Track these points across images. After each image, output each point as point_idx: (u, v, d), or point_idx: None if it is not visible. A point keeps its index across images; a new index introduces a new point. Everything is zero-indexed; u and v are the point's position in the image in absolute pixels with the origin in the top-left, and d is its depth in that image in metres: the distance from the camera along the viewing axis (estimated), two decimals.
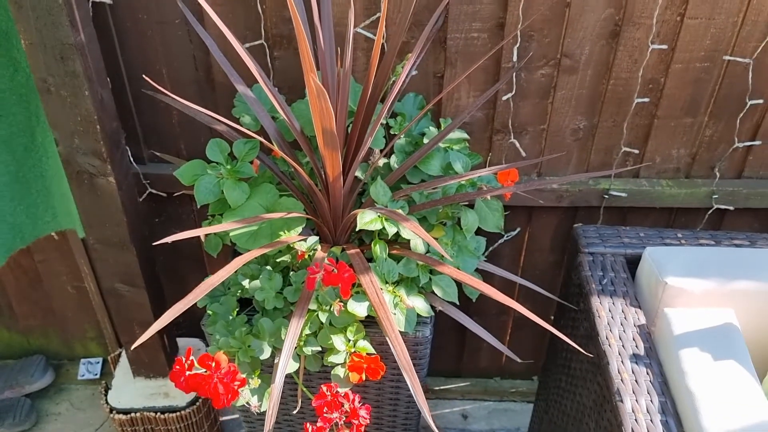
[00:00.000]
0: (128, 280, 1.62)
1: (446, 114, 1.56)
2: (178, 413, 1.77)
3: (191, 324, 1.94)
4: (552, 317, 1.84)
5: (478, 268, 1.39)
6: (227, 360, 1.05)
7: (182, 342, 1.88)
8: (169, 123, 1.61)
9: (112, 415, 1.77)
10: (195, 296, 1.02)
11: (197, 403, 1.79)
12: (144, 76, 1.47)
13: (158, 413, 1.76)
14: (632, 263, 1.32)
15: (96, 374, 2.09)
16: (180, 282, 1.90)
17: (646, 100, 1.54)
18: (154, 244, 1.15)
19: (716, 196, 1.65)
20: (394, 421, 1.46)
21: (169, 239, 1.04)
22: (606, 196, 1.66)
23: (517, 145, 1.61)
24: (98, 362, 2.10)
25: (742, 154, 1.62)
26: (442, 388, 2.09)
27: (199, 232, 1.09)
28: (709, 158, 1.63)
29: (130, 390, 1.80)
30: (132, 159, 1.63)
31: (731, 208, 1.67)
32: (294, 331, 1.11)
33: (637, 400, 1.06)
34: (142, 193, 1.68)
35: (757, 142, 1.59)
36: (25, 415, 1.97)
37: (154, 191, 1.69)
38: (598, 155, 1.64)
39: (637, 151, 1.62)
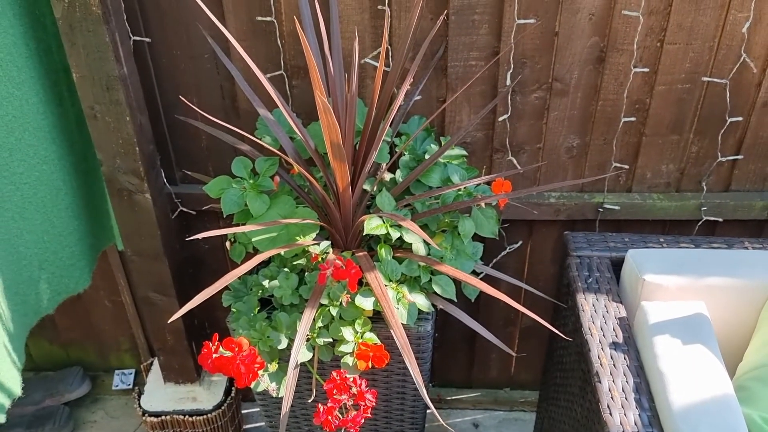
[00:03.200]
0: (161, 289, 1.80)
1: (449, 135, 1.73)
2: (204, 416, 1.93)
3: (218, 334, 2.11)
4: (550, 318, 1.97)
5: (486, 275, 1.54)
6: (248, 343, 1.22)
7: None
8: (198, 146, 1.81)
9: (144, 418, 1.94)
10: (221, 284, 1.20)
11: (222, 407, 1.95)
12: (180, 97, 1.68)
13: (186, 416, 1.92)
14: (617, 265, 1.46)
15: (129, 384, 2.27)
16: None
17: (633, 119, 1.69)
18: (188, 239, 1.33)
19: (705, 209, 1.78)
20: (402, 414, 1.60)
21: (200, 236, 1.22)
22: (600, 210, 1.81)
23: (515, 162, 1.77)
24: (131, 373, 2.28)
25: (728, 168, 1.76)
26: (453, 398, 2.22)
27: (227, 231, 1.27)
28: (696, 173, 1.78)
29: (161, 395, 1.97)
30: (165, 179, 1.83)
31: (720, 219, 1.80)
32: (307, 319, 1.27)
33: (614, 381, 1.19)
34: (173, 211, 1.87)
35: (739, 157, 1.73)
36: (64, 421, 2.14)
37: (184, 209, 1.88)
38: (592, 171, 1.79)
39: (627, 167, 1.77)
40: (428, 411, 1.95)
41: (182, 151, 1.83)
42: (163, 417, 1.93)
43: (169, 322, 1.27)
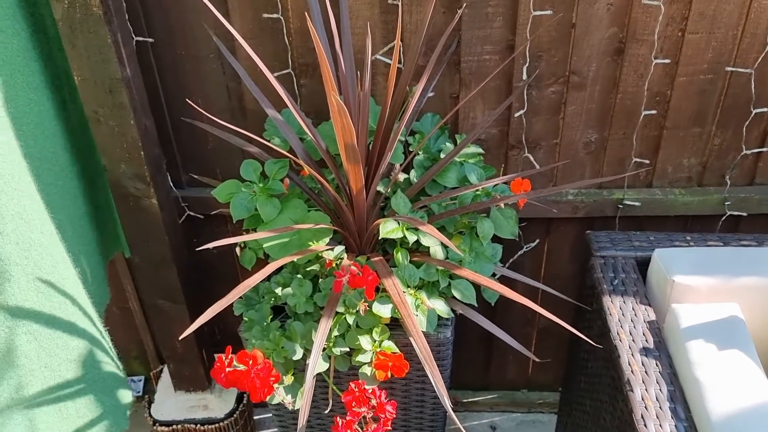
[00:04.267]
0: (169, 296, 1.74)
1: (463, 132, 1.67)
2: (216, 425, 1.87)
3: (228, 341, 2.05)
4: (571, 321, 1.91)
5: (501, 276, 1.48)
6: (263, 356, 1.16)
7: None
8: (205, 149, 1.75)
9: (155, 428, 1.88)
10: (233, 296, 1.13)
11: (234, 415, 1.89)
12: (187, 99, 1.61)
13: (198, 425, 1.87)
14: (643, 265, 1.40)
15: (138, 392, 2.21)
16: (215, 300, 2.02)
17: (654, 112, 1.63)
18: (198, 249, 1.27)
19: (729, 203, 1.71)
20: (420, 423, 1.54)
21: (211, 245, 1.16)
22: (620, 206, 1.74)
23: (531, 159, 1.70)
24: (140, 380, 2.22)
25: (752, 161, 1.69)
26: (470, 400, 2.16)
27: (237, 239, 1.21)
28: (719, 166, 1.71)
29: (171, 403, 1.92)
30: (172, 184, 1.77)
31: (744, 214, 1.73)
32: (323, 330, 1.21)
33: (646, 390, 1.13)
34: (181, 215, 1.81)
35: (765, 149, 1.66)
36: None
37: (192, 213, 1.82)
38: (611, 167, 1.73)
39: (648, 162, 1.71)
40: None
41: (189, 154, 1.77)
42: (174, 426, 1.87)
43: (180, 338, 1.21)
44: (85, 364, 1.48)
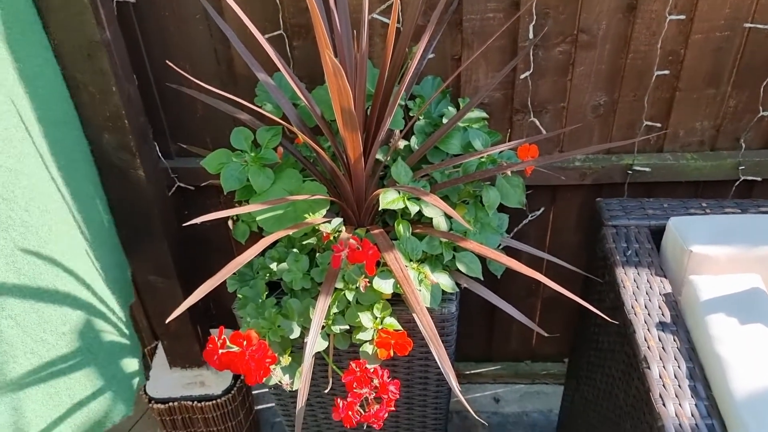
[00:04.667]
0: (161, 271, 1.67)
1: (465, 96, 1.57)
2: (214, 401, 1.81)
3: (224, 315, 1.98)
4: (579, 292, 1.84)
5: (505, 246, 1.40)
6: (257, 337, 1.08)
7: (215, 332, 1.92)
8: (194, 117, 1.65)
9: (150, 405, 1.82)
10: (223, 275, 1.06)
11: (232, 392, 1.83)
12: (168, 62, 1.51)
13: (195, 402, 1.81)
14: (657, 234, 1.32)
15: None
16: (211, 275, 1.94)
17: (667, 72, 1.53)
18: (184, 225, 1.18)
19: (743, 167, 1.63)
20: (424, 400, 1.48)
21: (198, 220, 1.08)
22: (630, 172, 1.66)
23: (537, 123, 1.61)
24: None
25: None
26: (473, 372, 2.10)
27: (227, 213, 1.13)
28: (733, 129, 1.62)
29: (167, 380, 1.85)
30: (160, 154, 1.68)
31: (759, 179, 1.65)
32: (321, 308, 1.13)
33: (664, 367, 1.06)
34: (170, 187, 1.73)
35: None
36: None
37: (182, 184, 1.73)
38: (620, 131, 1.64)
39: (659, 125, 1.62)
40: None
41: (177, 123, 1.68)
42: (170, 404, 1.81)
43: (167, 321, 1.13)
44: (83, 349, 1.42)
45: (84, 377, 1.44)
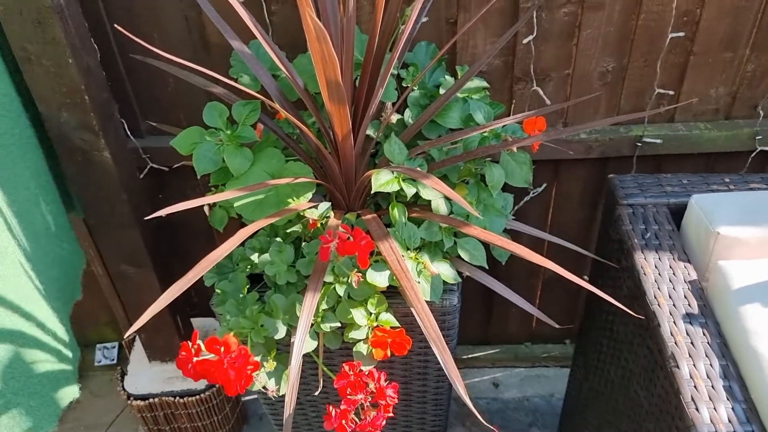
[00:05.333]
0: (134, 261, 1.52)
1: (462, 64, 1.42)
2: (197, 396, 1.68)
3: (206, 303, 1.84)
4: (586, 277, 1.71)
5: (506, 229, 1.26)
6: (237, 342, 0.94)
7: (197, 322, 1.79)
8: (165, 91, 1.49)
9: (130, 402, 1.69)
10: (196, 274, 0.91)
11: (217, 386, 1.69)
12: (119, 28, 1.34)
13: (177, 397, 1.67)
14: (676, 214, 1.19)
15: (113, 359, 2.01)
16: (190, 261, 1.78)
17: (681, 34, 1.39)
18: (146, 218, 1.03)
19: (760, 137, 1.50)
20: (423, 396, 1.35)
21: (163, 212, 0.93)
22: (639, 144, 1.52)
23: (541, 92, 1.47)
24: (114, 347, 2.01)
25: None
26: (470, 356, 1.98)
27: (197, 202, 0.97)
28: (751, 96, 1.48)
29: (146, 375, 1.71)
30: (129, 132, 1.52)
31: None
32: (309, 306, 0.99)
33: (695, 365, 0.94)
34: (142, 169, 1.57)
35: None
36: None
37: (155, 165, 1.57)
38: (629, 100, 1.50)
39: (672, 93, 1.48)
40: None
41: (146, 98, 1.51)
42: (150, 400, 1.68)
43: (140, 323, 0.98)
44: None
45: None
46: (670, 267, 1.08)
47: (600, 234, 1.32)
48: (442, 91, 1.25)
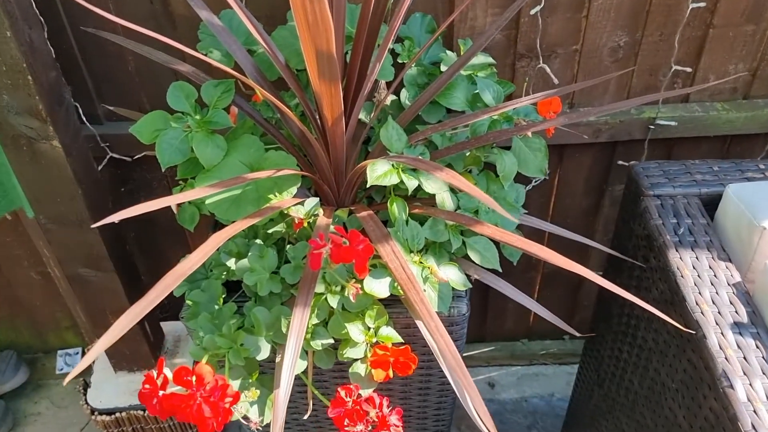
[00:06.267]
0: (93, 263, 1.32)
1: (460, 35, 1.25)
2: None
3: (178, 305, 1.66)
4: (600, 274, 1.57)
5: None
6: (212, 372, 0.77)
7: (168, 327, 1.60)
8: (125, 71, 1.29)
9: (93, 417, 1.50)
10: (158, 294, 0.73)
11: None
12: (82, 1, 1.14)
13: (146, 411, 1.49)
14: (708, 205, 1.04)
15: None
16: (159, 260, 1.60)
17: (702, 4, 1.23)
18: (93, 226, 0.84)
19: None
20: (424, 412, 1.19)
21: (115, 217, 0.74)
22: (651, 127, 1.37)
23: (548, 70, 1.30)
24: (77, 353, 1.82)
25: None
26: (464, 354, 1.82)
27: (160, 203, 0.79)
28: None
29: (111, 387, 1.53)
30: (84, 118, 1.32)
31: None
32: (299, 324, 0.82)
33: (751, 385, 0.79)
34: (101, 159, 1.37)
35: None
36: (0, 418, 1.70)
37: (115, 155, 1.38)
38: (642, 78, 1.34)
39: (689, 70, 1.33)
40: None
41: (104, 79, 1.31)
42: (117, 414, 1.49)
43: (96, 353, 0.80)
44: None
45: None
46: (710, 267, 0.93)
47: (618, 227, 1.17)
48: (443, 68, 1.08)
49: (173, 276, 0.74)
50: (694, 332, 0.86)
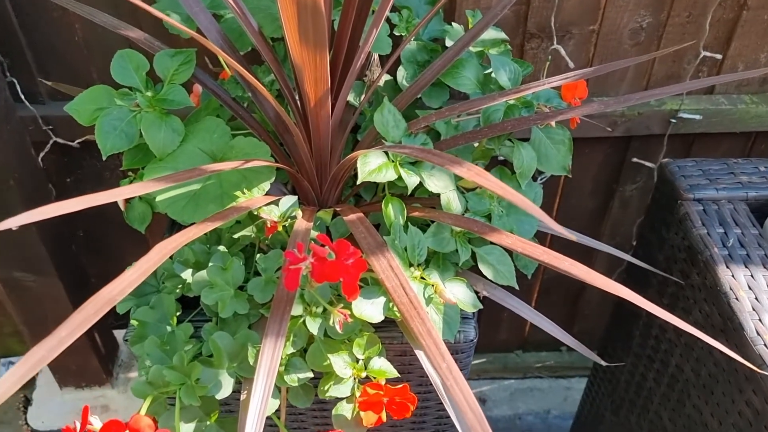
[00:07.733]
0: (31, 266, 1.12)
1: (462, 11, 1.07)
2: None
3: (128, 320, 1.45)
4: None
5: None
6: (153, 427, 0.58)
7: (121, 335, 1.39)
8: (71, 41, 1.09)
9: None
10: (80, 323, 0.53)
11: None
12: None
13: None
14: (756, 211, 0.87)
15: None
16: (110, 259, 1.39)
17: None
18: (13, 227, 0.64)
19: None
20: None
21: (13, 222, 0.54)
22: (673, 120, 1.21)
23: (563, 52, 1.13)
24: None
25: None
26: None
27: (96, 199, 0.59)
28: None
29: (56, 404, 1.32)
30: (23, 96, 1.11)
31: None
32: (271, 354, 0.63)
33: None
34: (43, 144, 1.16)
35: None
36: None
37: (60, 140, 1.17)
38: (664, 65, 1.18)
39: (719, 56, 1.16)
40: None
41: (46, 50, 1.10)
42: None
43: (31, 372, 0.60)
44: None
45: None
46: None
47: (644, 234, 1.00)
48: (448, 42, 0.89)
49: (101, 299, 0.54)
50: (759, 371, 0.69)
